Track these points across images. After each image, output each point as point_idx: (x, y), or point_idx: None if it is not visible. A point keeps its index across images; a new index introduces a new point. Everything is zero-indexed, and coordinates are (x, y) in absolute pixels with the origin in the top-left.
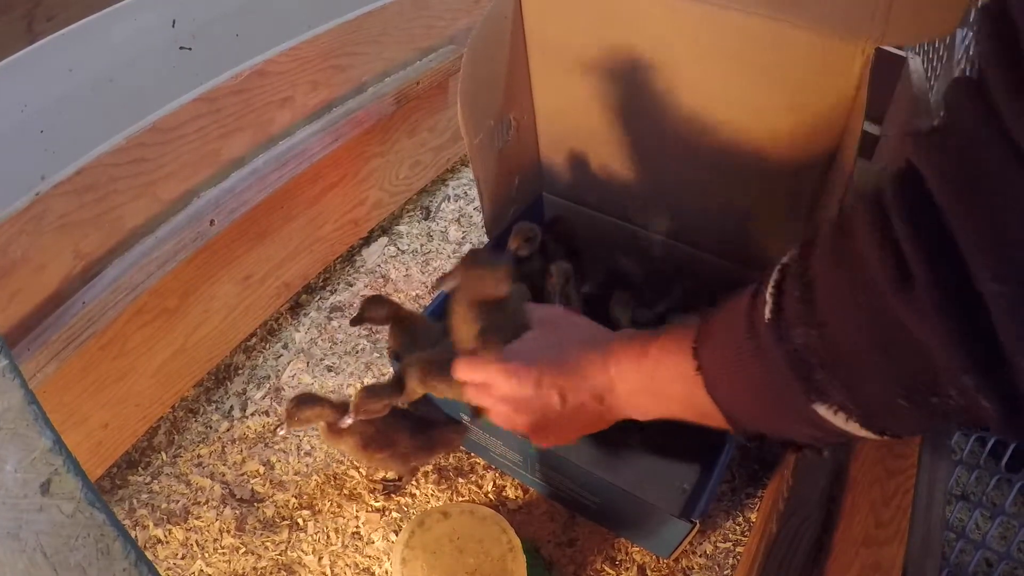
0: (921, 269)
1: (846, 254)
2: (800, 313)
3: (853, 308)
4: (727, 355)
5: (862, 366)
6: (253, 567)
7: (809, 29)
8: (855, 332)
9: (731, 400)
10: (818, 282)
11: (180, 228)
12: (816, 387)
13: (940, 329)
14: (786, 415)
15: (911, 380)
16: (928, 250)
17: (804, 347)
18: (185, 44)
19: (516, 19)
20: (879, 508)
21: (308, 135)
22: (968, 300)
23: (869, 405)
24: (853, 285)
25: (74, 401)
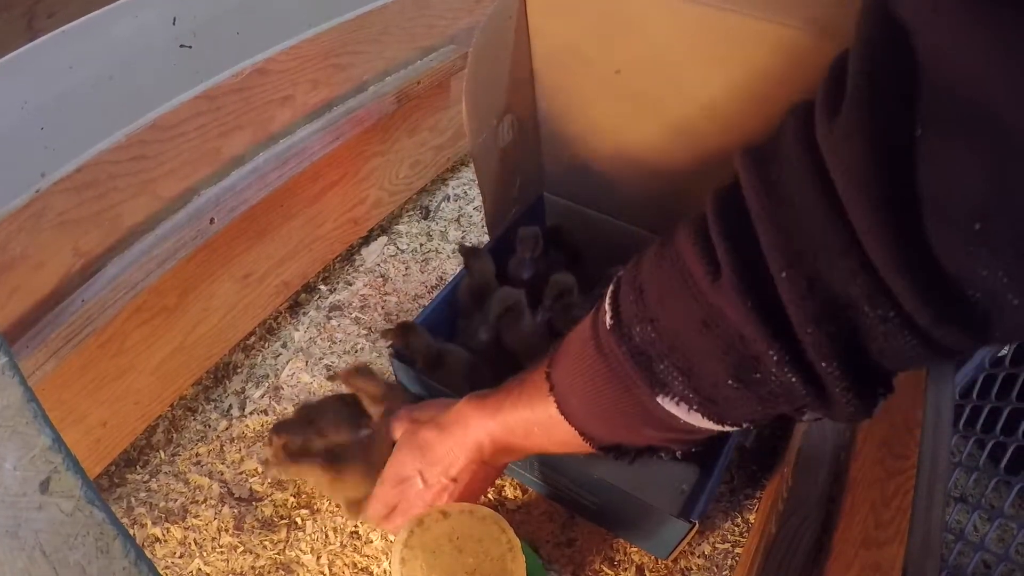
0: (726, 260)
1: (667, 254)
2: (635, 312)
3: (677, 299)
4: (575, 367)
5: (693, 350)
6: (251, 566)
7: (808, 32)
8: (682, 320)
9: (583, 413)
10: (646, 282)
11: (180, 226)
12: (658, 379)
13: (743, 309)
14: (636, 417)
15: (735, 358)
16: (733, 243)
17: (643, 342)
18: (186, 42)
19: (520, 19)
20: (879, 509)
21: (308, 134)
22: (768, 288)
23: (704, 390)
24: (674, 279)
25: (73, 399)
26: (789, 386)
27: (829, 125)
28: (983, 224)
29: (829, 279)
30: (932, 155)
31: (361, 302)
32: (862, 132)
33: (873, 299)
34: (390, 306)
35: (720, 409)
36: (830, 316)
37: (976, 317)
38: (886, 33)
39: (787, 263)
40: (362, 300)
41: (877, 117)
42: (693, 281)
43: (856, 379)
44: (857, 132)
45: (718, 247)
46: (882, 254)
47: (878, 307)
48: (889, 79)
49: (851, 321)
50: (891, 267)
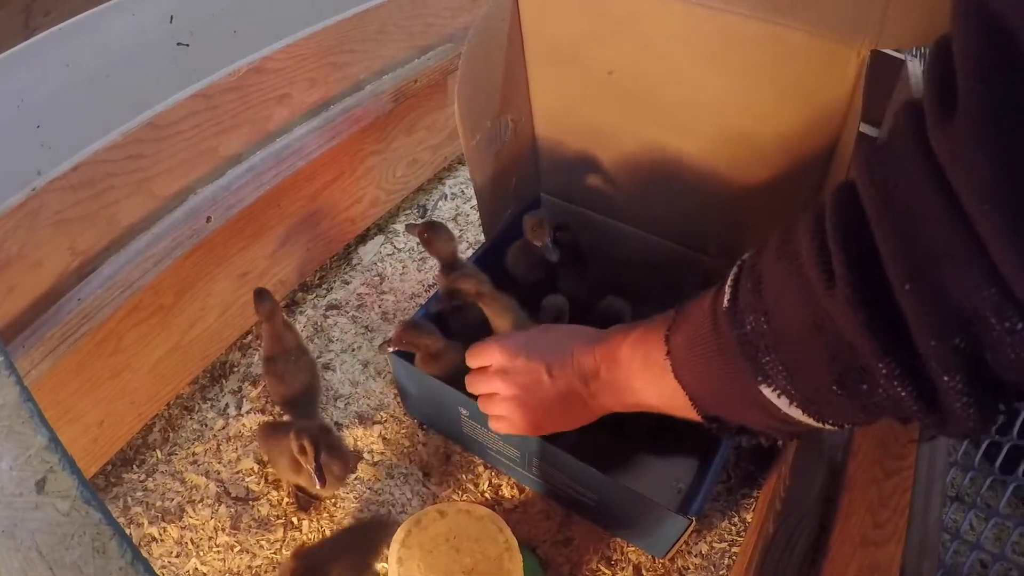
0: (841, 268)
1: (787, 252)
2: (751, 302)
3: (792, 298)
4: (691, 339)
5: (800, 351)
6: (248, 565)
7: (805, 31)
8: (794, 319)
9: (693, 382)
10: (765, 275)
11: (176, 225)
12: (762, 369)
13: (857, 322)
14: (738, 396)
15: (841, 367)
16: (850, 252)
17: (753, 332)
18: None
19: (513, 20)
20: (876, 509)
21: (305, 132)
22: (884, 296)
23: (806, 389)
24: (791, 278)
25: (69, 398)
26: (897, 399)
27: (944, 129)
28: None
29: (954, 291)
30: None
31: (358, 301)
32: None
33: (1000, 310)
34: (387, 305)
35: (820, 409)
36: (955, 328)
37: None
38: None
39: (908, 275)
40: (359, 299)
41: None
42: (808, 284)
43: (978, 392)
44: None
45: (834, 254)
46: (1010, 264)
47: (1005, 318)
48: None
49: (976, 333)
50: (1019, 277)
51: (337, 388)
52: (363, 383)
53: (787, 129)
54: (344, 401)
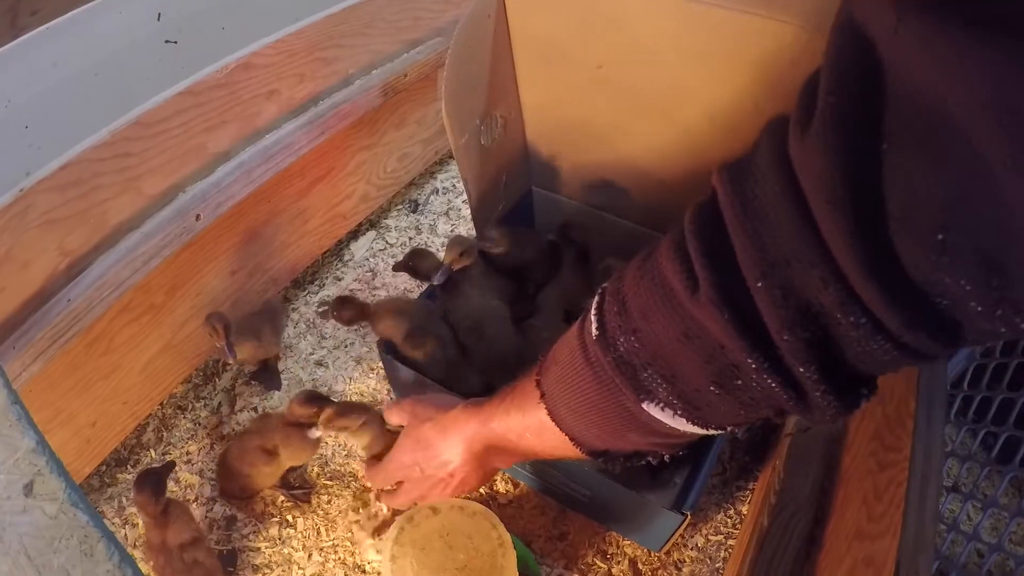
0: (703, 271)
1: (648, 269)
2: (619, 324)
3: (659, 311)
4: (564, 377)
5: (675, 360)
6: (244, 563)
7: (797, 26)
8: (664, 331)
9: (572, 420)
10: (629, 295)
11: (165, 223)
12: (643, 386)
13: (721, 320)
14: (622, 423)
15: (716, 367)
16: (710, 257)
17: (627, 351)
18: (170, 37)
19: (499, 16)
20: (871, 502)
21: (294, 128)
22: (744, 298)
23: (687, 396)
24: (655, 293)
25: (61, 400)
26: (769, 391)
27: (801, 140)
28: (944, 234)
29: (802, 288)
30: (897, 169)
31: None
32: (831, 147)
33: (844, 307)
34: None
35: (703, 414)
36: (804, 323)
37: (945, 323)
38: (853, 51)
39: (761, 274)
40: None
41: (845, 133)
42: (673, 295)
43: (834, 381)
44: (826, 147)
45: (696, 262)
46: (851, 264)
47: (849, 314)
48: (856, 96)
49: (825, 328)
50: (860, 276)
51: (331, 384)
52: (356, 379)
53: None
54: (337, 397)
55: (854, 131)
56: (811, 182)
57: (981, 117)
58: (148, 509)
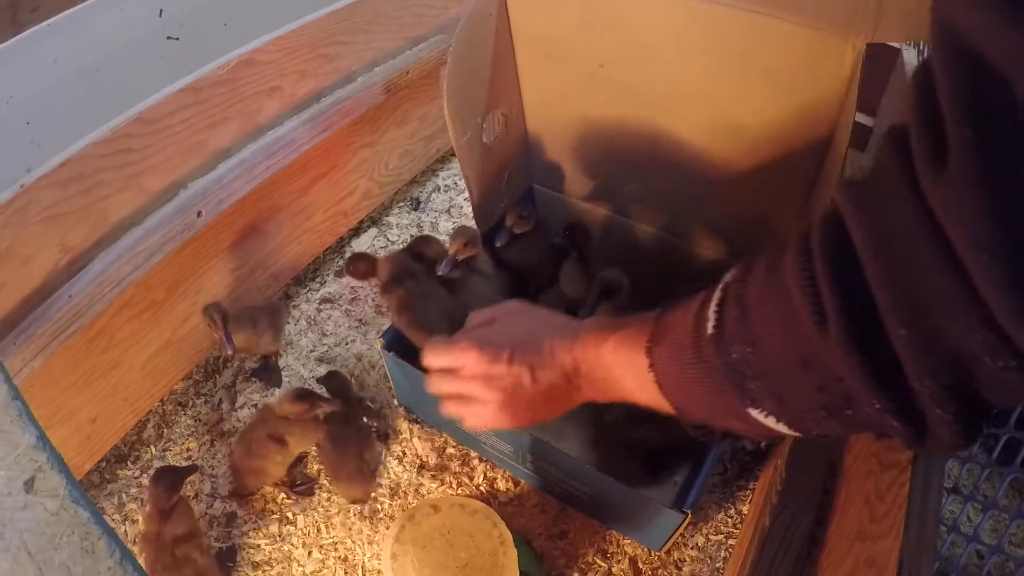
0: (835, 312)
1: (775, 284)
2: (737, 331)
3: (780, 333)
4: (675, 357)
5: (788, 381)
6: (244, 560)
7: (799, 24)
8: (782, 353)
9: (677, 395)
10: (752, 306)
11: (167, 220)
12: (750, 395)
13: (851, 364)
14: (725, 414)
15: (829, 397)
16: (842, 294)
17: (740, 361)
18: (172, 34)
19: (501, 14)
20: (873, 502)
21: (296, 125)
22: (877, 337)
23: (794, 413)
24: (779, 314)
25: (62, 396)
26: (885, 425)
27: (935, 176)
28: None
29: (948, 336)
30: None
31: (352, 294)
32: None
33: (995, 352)
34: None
35: (806, 426)
36: (948, 369)
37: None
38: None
39: (905, 322)
40: (352, 292)
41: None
42: (797, 323)
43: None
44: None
45: (825, 296)
46: (1004, 306)
47: (999, 359)
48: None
49: (969, 371)
50: (1013, 318)
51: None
52: (357, 376)
53: (780, 121)
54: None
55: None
56: (957, 228)
57: None
58: (157, 502)
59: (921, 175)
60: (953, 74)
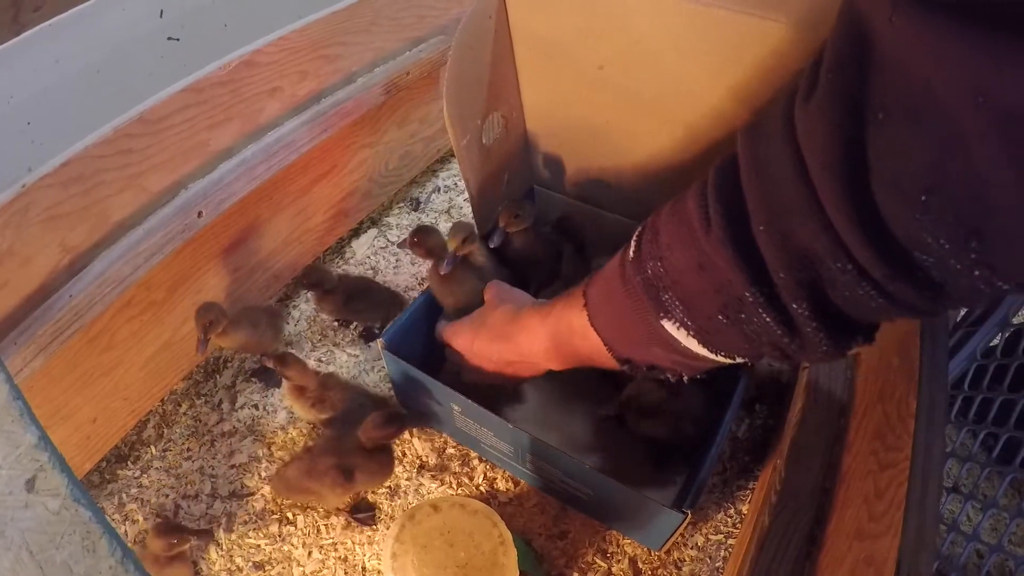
0: (716, 216)
1: (677, 208)
2: (650, 250)
3: (681, 244)
4: (604, 290)
5: (691, 287)
6: (243, 560)
7: (799, 28)
8: (683, 261)
9: (605, 326)
10: (660, 228)
11: (167, 220)
12: (663, 305)
13: (727, 256)
14: (645, 334)
15: (724, 298)
16: (723, 203)
17: (653, 275)
18: (173, 34)
19: (500, 16)
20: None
21: (297, 126)
22: (749, 240)
23: (699, 320)
24: (679, 227)
25: (62, 396)
26: (766, 326)
27: (804, 107)
28: (928, 196)
29: (798, 235)
30: (888, 136)
31: None
32: (828, 114)
33: (833, 253)
34: None
35: (712, 338)
36: (799, 266)
37: (928, 279)
38: (852, 35)
39: (765, 221)
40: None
41: (842, 105)
42: (692, 231)
43: (826, 321)
44: (824, 114)
45: (711, 206)
46: (841, 217)
47: (837, 260)
48: (853, 73)
49: (817, 271)
50: (847, 227)
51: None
52: (358, 377)
53: None
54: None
55: (850, 104)
56: (810, 146)
57: (959, 97)
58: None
59: (796, 106)
60: (836, 30)
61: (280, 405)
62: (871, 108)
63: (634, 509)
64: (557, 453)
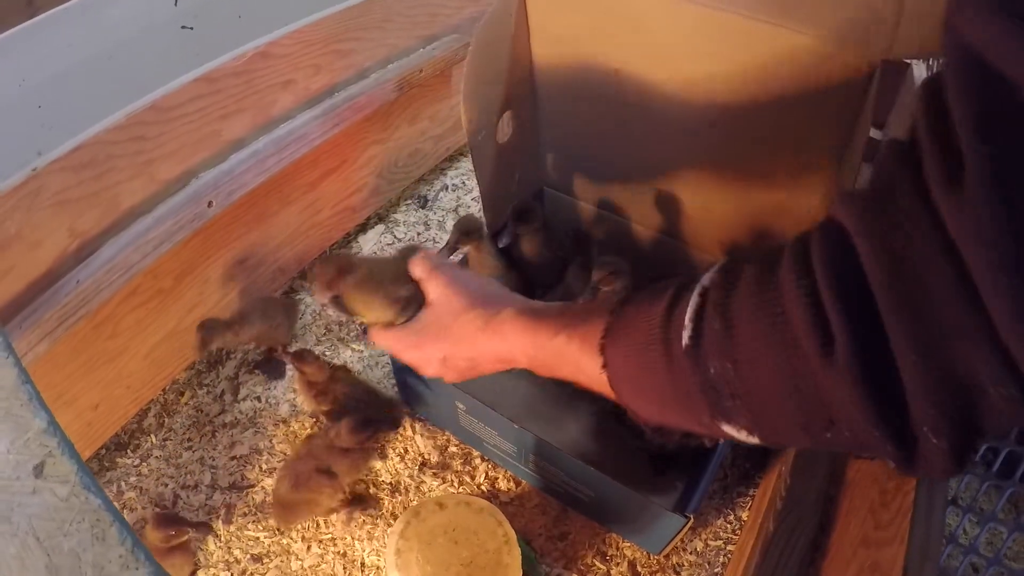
0: (844, 337)
1: (769, 303)
2: (719, 347)
3: (772, 355)
4: (637, 362)
5: (769, 403)
6: (242, 552)
7: (816, 37)
8: (768, 376)
9: (634, 399)
10: (739, 321)
11: (177, 209)
12: (724, 411)
13: (856, 392)
14: (688, 422)
15: (810, 418)
16: (851, 317)
17: (718, 377)
18: (187, 23)
19: (520, 16)
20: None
21: (309, 119)
22: (884, 364)
23: (769, 430)
24: (773, 335)
25: (65, 381)
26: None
27: (952, 196)
28: None
29: (961, 366)
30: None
31: None
32: (995, 210)
33: (1000, 381)
34: None
35: (779, 440)
36: (952, 399)
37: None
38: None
39: (919, 351)
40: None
41: (1009, 190)
42: (798, 349)
43: (961, 447)
44: (990, 210)
45: (833, 319)
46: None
47: (1003, 387)
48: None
49: (972, 400)
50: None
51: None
52: (362, 373)
53: (794, 132)
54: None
55: (1017, 188)
56: (979, 253)
57: None
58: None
59: (935, 193)
60: (968, 91)
61: (283, 398)
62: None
63: (635, 512)
64: (560, 453)
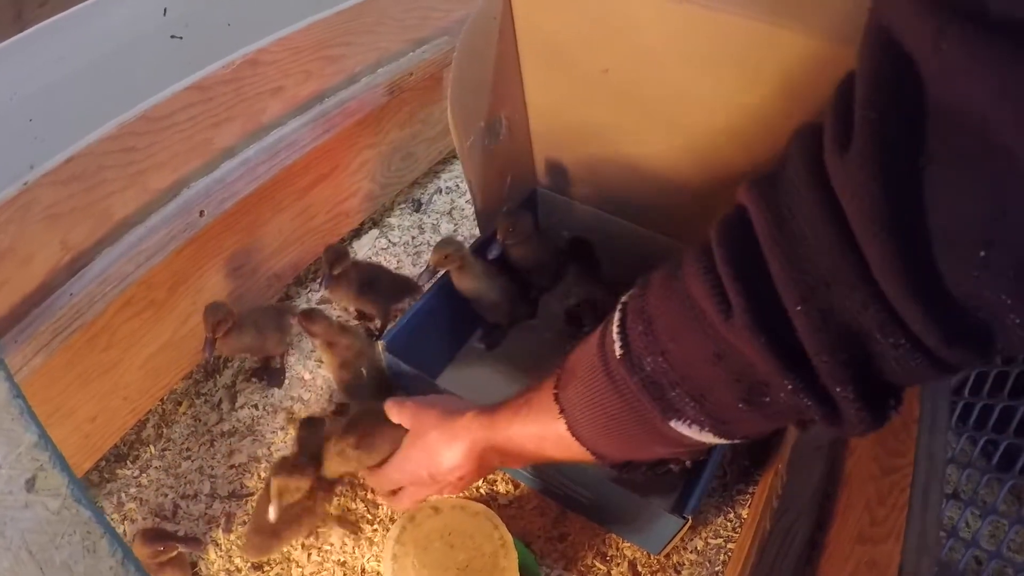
0: (737, 297)
1: (676, 288)
2: (646, 344)
3: (688, 332)
4: (586, 394)
5: (704, 380)
6: (243, 561)
7: (806, 34)
8: (694, 353)
9: (595, 436)
10: (656, 315)
11: (169, 219)
12: (671, 405)
13: (757, 345)
14: (647, 439)
15: (746, 386)
16: (743, 280)
17: (654, 372)
18: (177, 33)
19: (506, 17)
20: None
21: (300, 125)
22: (779, 317)
23: (716, 413)
24: (684, 314)
25: (61, 394)
26: (801, 407)
27: (840, 157)
28: (987, 251)
29: (842, 310)
30: (940, 186)
31: None
32: (874, 165)
33: (885, 328)
34: None
35: (730, 428)
36: (843, 345)
37: (980, 335)
38: (891, 65)
39: (801, 298)
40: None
41: (887, 151)
42: (704, 317)
43: (868, 398)
44: (869, 165)
45: (728, 285)
46: (895, 285)
47: (889, 335)
48: (897, 111)
49: (863, 348)
50: (904, 297)
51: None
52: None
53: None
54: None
55: (895, 149)
56: (855, 203)
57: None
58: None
59: (827, 155)
60: (871, 64)
61: (280, 406)
62: (920, 153)
63: (634, 513)
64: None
